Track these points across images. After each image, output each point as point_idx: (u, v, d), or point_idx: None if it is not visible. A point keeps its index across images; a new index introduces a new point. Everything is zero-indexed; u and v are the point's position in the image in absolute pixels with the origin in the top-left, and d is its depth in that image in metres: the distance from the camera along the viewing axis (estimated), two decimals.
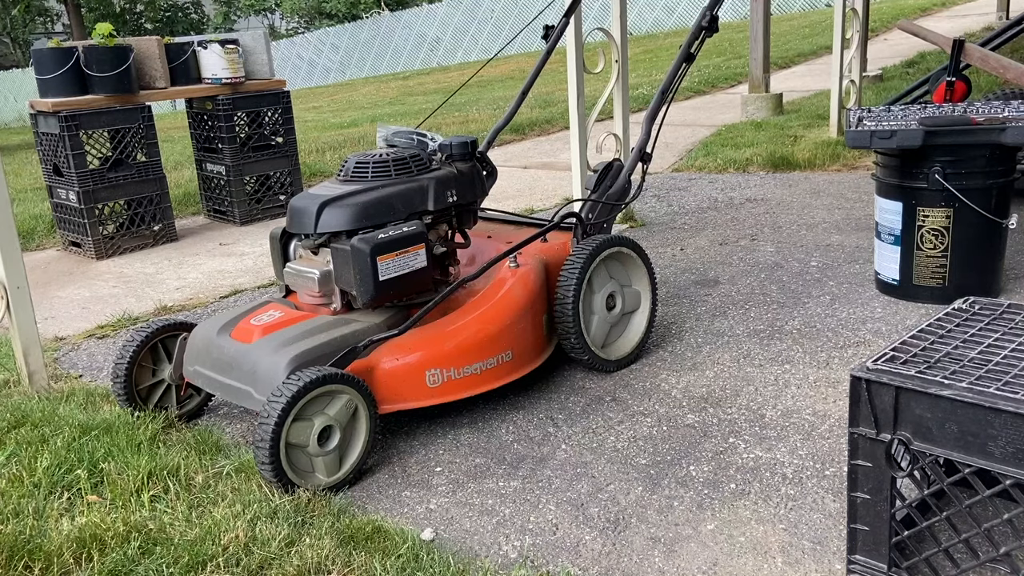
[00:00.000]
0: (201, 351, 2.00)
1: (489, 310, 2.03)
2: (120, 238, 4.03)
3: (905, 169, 2.46)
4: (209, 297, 3.23)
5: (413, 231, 1.99)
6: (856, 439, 1.30)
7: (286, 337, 1.89)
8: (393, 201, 2.02)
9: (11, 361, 2.48)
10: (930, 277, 2.50)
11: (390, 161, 2.07)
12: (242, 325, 1.98)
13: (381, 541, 1.55)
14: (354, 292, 1.96)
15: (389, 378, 1.88)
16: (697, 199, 4.05)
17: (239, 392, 1.87)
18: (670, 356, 2.34)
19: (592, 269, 2.15)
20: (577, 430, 1.97)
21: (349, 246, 1.93)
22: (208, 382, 1.97)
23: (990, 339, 1.37)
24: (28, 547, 1.55)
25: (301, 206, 2.01)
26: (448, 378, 1.93)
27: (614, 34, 3.42)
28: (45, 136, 3.97)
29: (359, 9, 30.18)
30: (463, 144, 2.18)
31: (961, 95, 3.85)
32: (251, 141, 4.42)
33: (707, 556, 1.50)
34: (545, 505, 1.69)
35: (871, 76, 6.47)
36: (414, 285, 2.01)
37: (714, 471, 1.76)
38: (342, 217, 1.97)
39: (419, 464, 1.88)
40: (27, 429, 2.06)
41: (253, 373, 1.84)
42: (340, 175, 2.09)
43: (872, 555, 1.34)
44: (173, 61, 4.16)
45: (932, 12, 12.45)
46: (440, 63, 20.11)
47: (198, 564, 1.50)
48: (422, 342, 1.94)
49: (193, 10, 31.00)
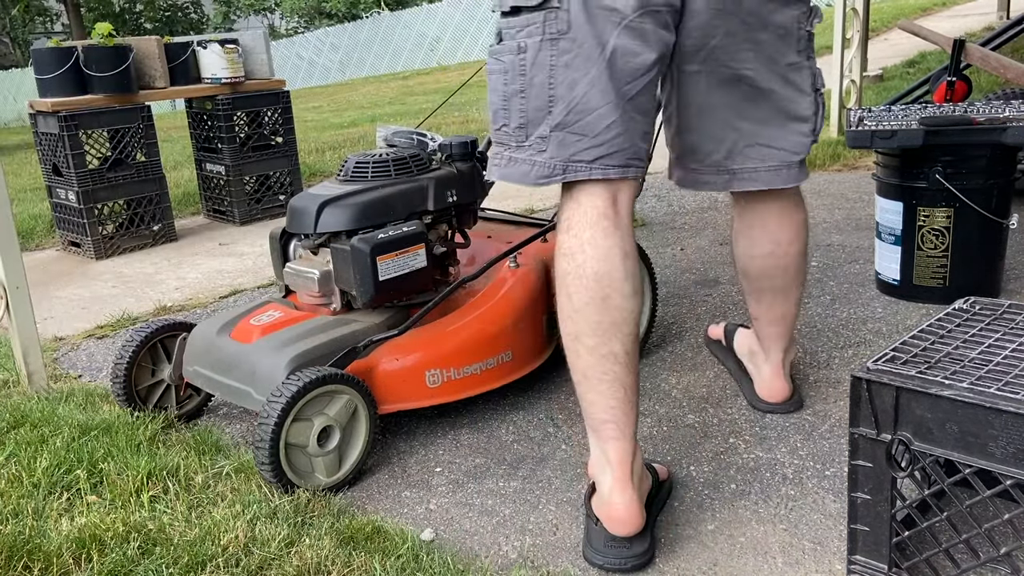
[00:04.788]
0: (200, 351, 2.00)
1: (489, 310, 2.03)
2: (120, 238, 4.03)
3: (905, 169, 2.46)
4: (209, 297, 3.23)
5: (413, 231, 1.99)
6: (856, 439, 1.30)
7: (286, 337, 1.89)
8: (393, 201, 2.02)
9: (10, 361, 2.48)
10: (931, 277, 2.50)
11: (390, 161, 2.07)
12: (242, 325, 1.98)
13: (381, 541, 1.55)
14: (354, 292, 1.96)
15: (389, 378, 1.88)
16: (697, 199, 4.05)
17: (239, 392, 1.87)
18: (670, 356, 2.34)
19: None
20: (577, 430, 1.97)
21: (349, 246, 1.93)
22: (207, 382, 1.97)
23: (991, 339, 1.36)
24: (27, 547, 1.55)
25: (301, 206, 2.00)
26: (448, 378, 1.93)
27: None
28: (44, 136, 3.97)
29: (359, 9, 30.19)
30: (463, 144, 2.17)
31: (962, 95, 3.84)
32: (251, 141, 4.42)
33: (707, 556, 1.50)
34: (545, 505, 1.69)
35: (871, 76, 6.47)
36: (414, 285, 2.01)
37: (714, 471, 1.76)
38: (342, 217, 1.97)
39: (419, 464, 1.88)
40: (26, 429, 2.05)
41: (253, 373, 1.84)
42: (340, 175, 2.09)
43: (872, 555, 1.34)
44: (173, 61, 4.16)
45: (932, 12, 12.45)
46: (440, 63, 20.11)
47: (198, 564, 1.50)
48: (422, 342, 1.94)
49: (193, 10, 31.01)
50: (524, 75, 1.43)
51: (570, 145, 1.43)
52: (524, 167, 1.48)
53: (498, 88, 1.48)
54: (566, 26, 1.39)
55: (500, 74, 1.47)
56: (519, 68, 1.43)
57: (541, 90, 1.42)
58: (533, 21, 1.42)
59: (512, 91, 1.45)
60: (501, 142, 1.53)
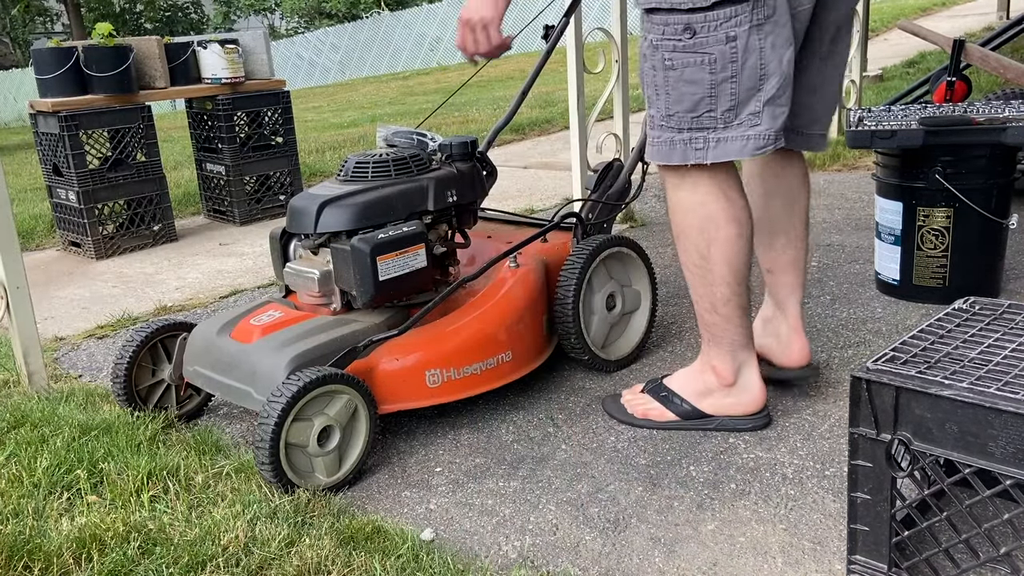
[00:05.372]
0: (201, 351, 2.00)
1: (489, 310, 2.03)
2: (120, 238, 4.03)
3: (905, 169, 2.46)
4: (209, 297, 3.23)
5: (413, 231, 1.99)
6: (856, 439, 1.30)
7: (286, 337, 1.89)
8: (393, 201, 2.02)
9: (11, 361, 2.48)
10: (930, 277, 2.50)
11: (390, 161, 2.07)
12: (242, 325, 1.98)
13: (381, 541, 1.55)
14: (354, 292, 1.96)
15: (389, 378, 1.88)
16: None
17: (239, 392, 1.87)
18: (670, 356, 2.34)
19: (592, 269, 2.15)
20: (577, 430, 1.97)
21: (349, 246, 1.93)
22: (208, 382, 1.97)
23: (990, 339, 1.36)
24: (28, 547, 1.55)
25: (301, 206, 2.00)
26: (448, 378, 1.93)
27: (614, 34, 3.42)
28: (45, 136, 3.97)
29: (359, 9, 30.20)
30: (463, 144, 2.18)
31: (961, 95, 3.85)
32: (251, 141, 4.42)
33: (707, 556, 1.50)
34: (545, 505, 1.69)
35: (871, 76, 6.47)
36: (414, 285, 2.01)
37: (714, 471, 1.76)
38: (342, 217, 1.97)
39: (419, 464, 1.88)
40: (27, 429, 2.06)
41: (253, 373, 1.84)
42: (340, 175, 2.09)
43: (872, 555, 1.34)
44: (173, 61, 4.16)
45: (932, 12, 12.45)
46: (440, 63, 20.11)
47: (198, 564, 1.50)
48: (422, 342, 1.94)
49: (193, 10, 31.02)
50: (735, 61, 1.57)
51: (779, 116, 1.62)
52: (738, 143, 1.63)
53: (700, 78, 1.59)
54: (771, 11, 1.55)
55: (704, 65, 1.58)
56: (730, 56, 1.57)
57: (752, 72, 1.57)
58: (739, 12, 1.54)
59: (723, 78, 1.58)
60: (702, 127, 1.64)
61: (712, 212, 1.71)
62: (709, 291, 1.79)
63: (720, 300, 1.78)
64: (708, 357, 1.89)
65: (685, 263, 1.80)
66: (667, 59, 1.62)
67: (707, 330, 1.85)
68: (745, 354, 1.86)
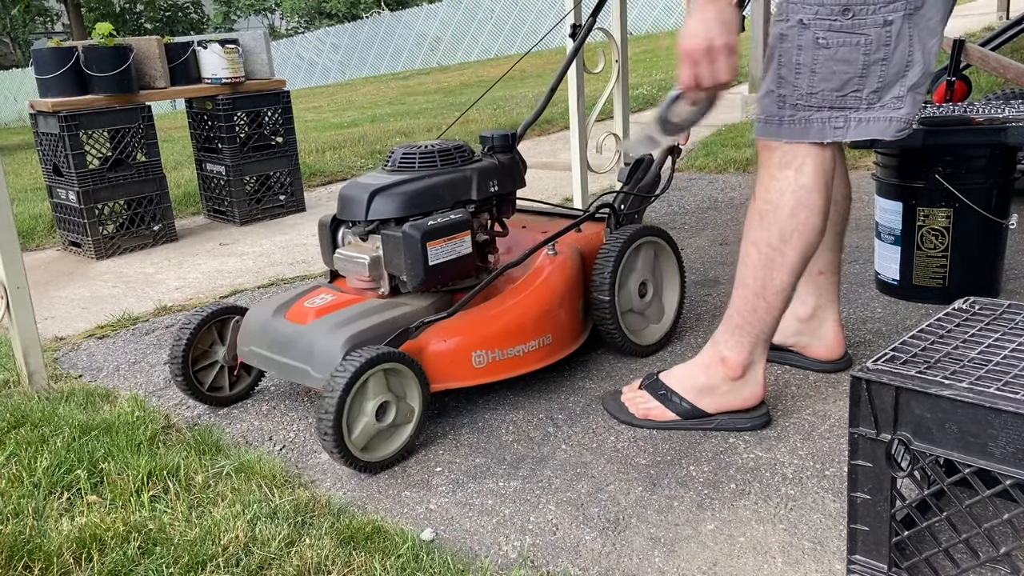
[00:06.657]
0: (256, 332, 2.07)
1: (530, 295, 2.11)
2: (120, 238, 4.03)
3: (905, 169, 2.46)
4: (209, 297, 3.23)
5: (460, 218, 2.07)
6: (856, 439, 1.30)
7: (341, 319, 1.96)
8: (440, 190, 2.10)
9: (11, 361, 2.48)
10: (930, 277, 2.50)
11: (435, 152, 2.15)
12: (296, 307, 2.05)
13: (381, 541, 1.55)
14: (404, 276, 2.04)
15: (438, 359, 1.96)
16: (697, 199, 4.05)
17: (296, 370, 1.95)
18: (670, 356, 2.34)
19: (626, 257, 2.23)
20: (577, 430, 1.97)
21: (400, 232, 2.00)
22: (264, 361, 2.04)
23: (990, 339, 1.37)
24: (28, 547, 1.55)
25: (352, 194, 2.08)
26: (493, 359, 2.01)
27: (614, 34, 3.42)
28: (45, 136, 3.98)
29: (359, 9, 30.21)
30: (504, 136, 2.27)
31: (961, 95, 3.85)
32: (251, 141, 4.42)
33: (707, 556, 1.50)
34: (545, 505, 1.69)
35: None
36: (460, 270, 2.10)
37: (714, 471, 1.76)
38: (392, 205, 2.05)
39: (419, 464, 1.89)
40: (27, 429, 2.06)
41: (310, 352, 1.92)
42: (387, 165, 2.18)
43: (872, 555, 1.34)
44: (173, 61, 4.16)
45: None
46: (440, 63, 20.13)
47: (198, 564, 1.50)
48: (468, 325, 2.01)
49: (193, 10, 31.01)
50: (888, 45, 1.61)
51: (918, 103, 1.66)
52: (881, 124, 1.67)
53: (854, 58, 1.62)
54: (922, 1, 1.59)
55: (859, 46, 1.61)
56: (884, 39, 1.61)
57: (901, 56, 1.61)
58: None
59: (874, 60, 1.61)
60: (845, 106, 1.66)
61: (809, 200, 1.73)
62: (768, 275, 1.78)
63: (776, 287, 1.78)
64: (720, 348, 1.89)
65: (756, 241, 1.78)
66: (820, 38, 1.63)
67: (741, 316, 1.84)
68: (760, 351, 1.88)
